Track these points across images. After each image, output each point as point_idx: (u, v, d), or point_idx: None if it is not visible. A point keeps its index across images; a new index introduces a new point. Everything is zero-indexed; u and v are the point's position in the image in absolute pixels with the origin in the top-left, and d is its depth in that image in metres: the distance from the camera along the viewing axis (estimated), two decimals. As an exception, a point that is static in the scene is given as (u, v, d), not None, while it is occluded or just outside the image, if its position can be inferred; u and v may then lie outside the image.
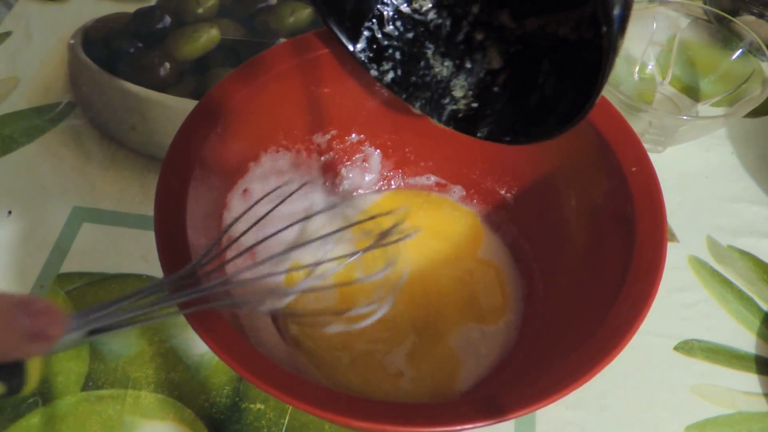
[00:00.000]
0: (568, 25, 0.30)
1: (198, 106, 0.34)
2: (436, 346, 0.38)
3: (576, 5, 0.29)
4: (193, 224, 0.31)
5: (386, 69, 0.34)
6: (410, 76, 0.34)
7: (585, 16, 0.29)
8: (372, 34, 0.34)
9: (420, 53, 0.34)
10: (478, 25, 0.32)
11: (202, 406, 0.37)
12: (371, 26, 0.33)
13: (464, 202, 0.44)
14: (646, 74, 0.53)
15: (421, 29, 0.33)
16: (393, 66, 0.34)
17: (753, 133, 0.50)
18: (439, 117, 0.34)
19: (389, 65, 0.34)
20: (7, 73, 0.54)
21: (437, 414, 0.26)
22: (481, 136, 0.33)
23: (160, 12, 0.58)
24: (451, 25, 0.33)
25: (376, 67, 0.34)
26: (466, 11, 0.32)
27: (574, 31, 0.30)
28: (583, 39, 0.30)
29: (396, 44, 0.34)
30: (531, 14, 0.31)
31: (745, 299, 0.42)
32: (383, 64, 0.34)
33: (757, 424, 0.37)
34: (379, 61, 0.34)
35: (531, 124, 0.31)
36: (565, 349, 0.29)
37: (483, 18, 0.32)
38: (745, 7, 0.54)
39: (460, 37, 0.33)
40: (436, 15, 0.33)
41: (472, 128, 0.33)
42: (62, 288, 0.42)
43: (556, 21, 0.30)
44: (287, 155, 0.40)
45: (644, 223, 0.31)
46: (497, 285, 0.40)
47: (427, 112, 0.34)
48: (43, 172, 0.48)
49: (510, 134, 0.32)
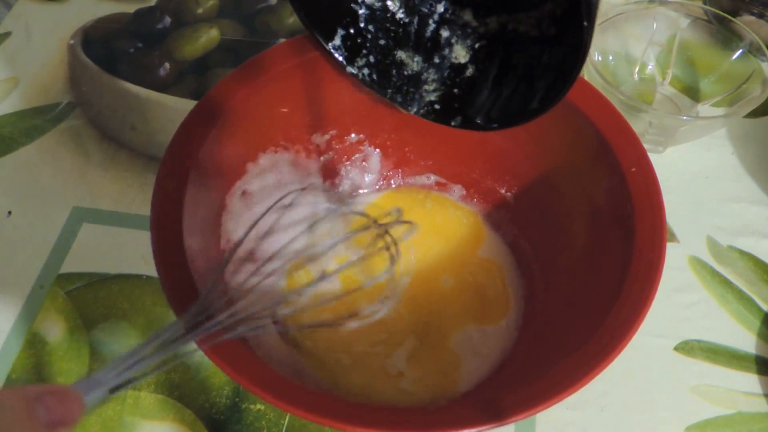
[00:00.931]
0: (529, 23, 0.32)
1: (197, 106, 0.34)
2: (437, 346, 0.38)
3: (533, 6, 0.31)
4: (190, 227, 0.31)
5: (361, 65, 0.36)
6: (384, 70, 0.36)
7: (544, 15, 0.31)
8: (346, 32, 0.35)
9: (391, 49, 0.36)
10: (444, 23, 0.35)
11: (202, 407, 0.37)
12: (346, 24, 0.35)
13: (464, 201, 0.44)
14: (646, 74, 0.53)
15: (392, 27, 0.35)
16: (367, 62, 0.36)
17: (753, 133, 0.50)
18: (414, 108, 0.36)
19: (363, 61, 0.36)
20: (7, 73, 0.54)
21: (437, 418, 0.26)
22: (455, 125, 0.35)
23: (160, 12, 0.58)
24: (418, 24, 0.35)
25: (352, 64, 0.36)
26: (432, 10, 0.35)
27: (535, 28, 0.32)
28: (545, 35, 0.31)
29: (369, 41, 0.35)
30: (492, 13, 0.33)
31: (745, 299, 0.42)
32: (358, 60, 0.36)
33: (757, 425, 0.37)
34: (354, 57, 0.36)
35: (505, 112, 0.33)
36: (565, 349, 0.29)
37: (448, 16, 0.34)
38: (745, 7, 0.54)
39: (427, 35, 0.35)
40: (404, 14, 0.35)
41: (445, 118, 0.35)
42: (62, 288, 0.42)
43: (516, 20, 0.33)
44: (286, 156, 0.40)
45: (644, 224, 0.31)
46: (499, 284, 0.40)
47: (401, 104, 0.36)
48: (43, 172, 0.48)
49: (483, 119, 0.34)
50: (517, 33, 0.33)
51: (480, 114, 0.34)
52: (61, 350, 0.39)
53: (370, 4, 0.34)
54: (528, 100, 0.32)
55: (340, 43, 0.35)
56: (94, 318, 0.41)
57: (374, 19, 0.35)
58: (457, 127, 0.35)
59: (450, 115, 0.35)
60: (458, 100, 0.35)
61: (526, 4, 0.32)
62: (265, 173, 0.39)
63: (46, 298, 0.41)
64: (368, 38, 0.35)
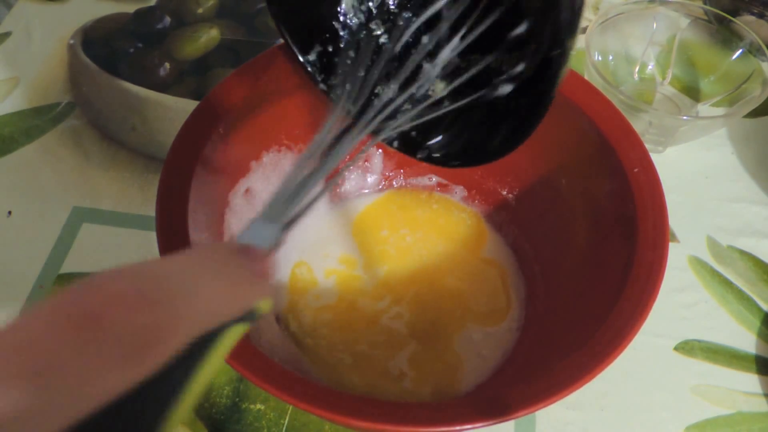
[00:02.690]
0: (511, 63, 0.30)
1: (199, 106, 0.34)
2: (439, 347, 0.38)
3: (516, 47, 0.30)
4: (195, 224, 0.31)
5: (334, 84, 0.34)
6: (358, 92, 0.34)
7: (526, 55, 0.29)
8: (323, 49, 0.34)
9: (368, 72, 0.33)
10: (427, 55, 0.33)
11: (202, 407, 0.37)
12: (324, 40, 0.34)
13: (466, 202, 0.44)
14: (646, 74, 0.53)
15: (371, 50, 0.34)
16: (342, 81, 0.33)
17: (753, 133, 0.50)
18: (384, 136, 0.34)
19: (337, 80, 0.34)
20: (7, 73, 0.54)
21: (437, 414, 0.26)
22: (420, 157, 0.34)
23: (160, 12, 0.58)
24: (400, 52, 0.33)
25: (325, 81, 0.35)
26: (416, 41, 0.33)
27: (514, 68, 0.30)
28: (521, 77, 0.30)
29: (345, 61, 0.34)
30: (476, 51, 0.31)
31: (745, 299, 0.42)
32: (331, 78, 0.34)
33: (757, 424, 0.37)
34: (329, 75, 0.34)
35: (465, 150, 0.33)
36: (566, 349, 0.29)
37: (431, 48, 0.33)
38: (745, 7, 0.54)
39: (407, 64, 0.33)
40: (386, 39, 0.34)
41: (411, 150, 0.34)
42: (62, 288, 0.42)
43: (499, 60, 0.31)
44: (289, 155, 0.40)
45: (646, 224, 0.31)
46: (501, 285, 0.40)
47: (371, 130, 0.34)
48: (43, 172, 0.48)
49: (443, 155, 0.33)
50: (497, 73, 0.31)
51: (441, 150, 0.33)
52: (61, 350, 0.39)
53: (352, 26, 0.33)
54: (489, 140, 0.31)
55: (315, 59, 0.34)
56: (95, 318, 0.41)
57: (354, 41, 0.33)
58: (422, 160, 0.34)
59: (416, 147, 0.34)
60: (422, 134, 0.34)
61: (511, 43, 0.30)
62: (268, 172, 0.39)
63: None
64: (346, 61, 0.33)
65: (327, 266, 0.41)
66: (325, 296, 0.39)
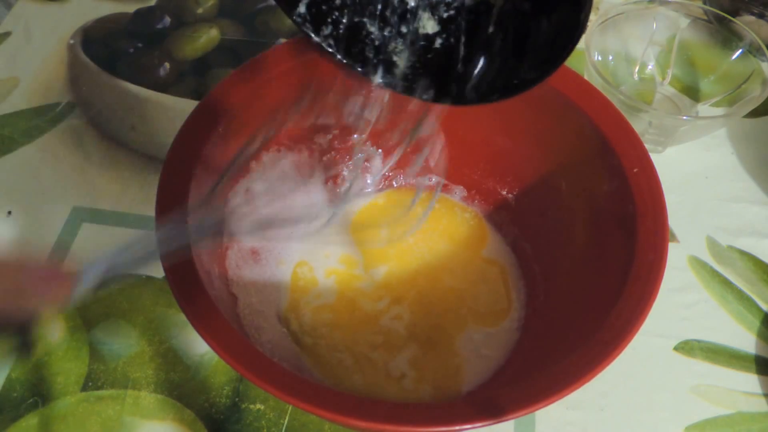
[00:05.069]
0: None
1: (199, 106, 0.34)
2: (440, 347, 0.38)
3: None
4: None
5: (327, 34, 0.34)
6: (351, 39, 0.34)
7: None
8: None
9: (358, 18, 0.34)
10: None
11: (201, 407, 0.37)
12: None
13: (466, 202, 0.44)
14: (646, 74, 0.53)
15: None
16: (333, 30, 0.34)
17: (753, 133, 0.50)
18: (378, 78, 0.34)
19: (329, 30, 0.34)
20: (7, 73, 0.54)
21: (437, 414, 0.26)
22: (426, 98, 0.33)
23: (160, 12, 0.58)
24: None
25: (317, 32, 0.34)
26: None
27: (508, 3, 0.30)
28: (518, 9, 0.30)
29: (335, 8, 0.34)
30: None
31: (745, 299, 0.42)
32: (323, 28, 0.34)
33: (757, 424, 0.37)
34: (320, 25, 0.34)
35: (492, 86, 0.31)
36: (566, 349, 0.29)
37: None
38: (745, 7, 0.54)
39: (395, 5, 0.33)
40: None
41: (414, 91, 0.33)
42: (62, 288, 0.42)
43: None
44: (289, 155, 0.40)
45: (645, 224, 0.31)
46: (501, 285, 0.40)
47: (370, 75, 0.34)
48: (42, 172, 0.48)
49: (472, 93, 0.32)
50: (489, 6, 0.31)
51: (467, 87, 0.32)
52: (61, 350, 0.39)
53: None
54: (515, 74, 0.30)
55: (305, 11, 0.33)
56: (94, 318, 0.41)
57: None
58: (429, 101, 0.33)
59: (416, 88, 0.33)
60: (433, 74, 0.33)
61: None
62: (268, 172, 0.39)
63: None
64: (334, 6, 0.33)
65: (328, 266, 0.41)
66: (325, 295, 0.39)
